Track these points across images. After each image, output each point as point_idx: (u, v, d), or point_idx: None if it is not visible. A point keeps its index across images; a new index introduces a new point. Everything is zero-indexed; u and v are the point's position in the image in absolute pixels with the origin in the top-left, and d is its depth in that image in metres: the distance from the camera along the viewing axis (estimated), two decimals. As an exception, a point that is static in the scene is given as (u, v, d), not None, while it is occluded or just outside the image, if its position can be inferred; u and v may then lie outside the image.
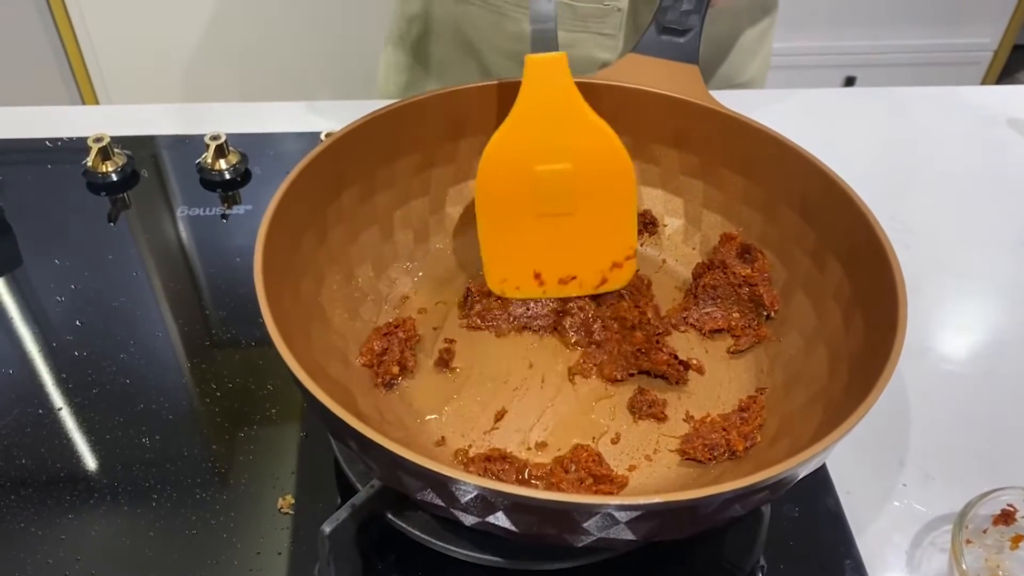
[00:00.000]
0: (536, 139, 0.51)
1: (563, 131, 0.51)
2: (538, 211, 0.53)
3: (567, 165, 0.52)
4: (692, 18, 0.58)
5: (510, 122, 0.51)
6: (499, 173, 0.52)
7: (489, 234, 0.54)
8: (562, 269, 0.55)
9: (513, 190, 0.52)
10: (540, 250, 0.54)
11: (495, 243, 0.54)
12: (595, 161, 0.52)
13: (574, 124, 0.51)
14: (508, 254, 0.54)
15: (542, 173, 0.52)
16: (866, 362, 0.45)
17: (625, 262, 0.55)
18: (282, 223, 0.48)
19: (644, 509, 0.36)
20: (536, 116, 0.51)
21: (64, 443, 0.53)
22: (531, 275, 0.55)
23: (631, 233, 0.54)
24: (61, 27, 1.61)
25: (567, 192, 0.53)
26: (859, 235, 0.50)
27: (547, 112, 0.51)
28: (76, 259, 0.66)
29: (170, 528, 0.49)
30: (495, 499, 0.37)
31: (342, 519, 0.42)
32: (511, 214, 0.53)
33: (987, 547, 0.49)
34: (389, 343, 0.53)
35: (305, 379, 0.39)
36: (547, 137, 0.51)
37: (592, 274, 0.55)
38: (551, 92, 0.51)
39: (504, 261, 0.55)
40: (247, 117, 0.81)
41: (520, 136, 0.51)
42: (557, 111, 0.51)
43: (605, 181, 0.53)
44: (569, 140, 0.51)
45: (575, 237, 0.54)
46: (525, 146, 0.52)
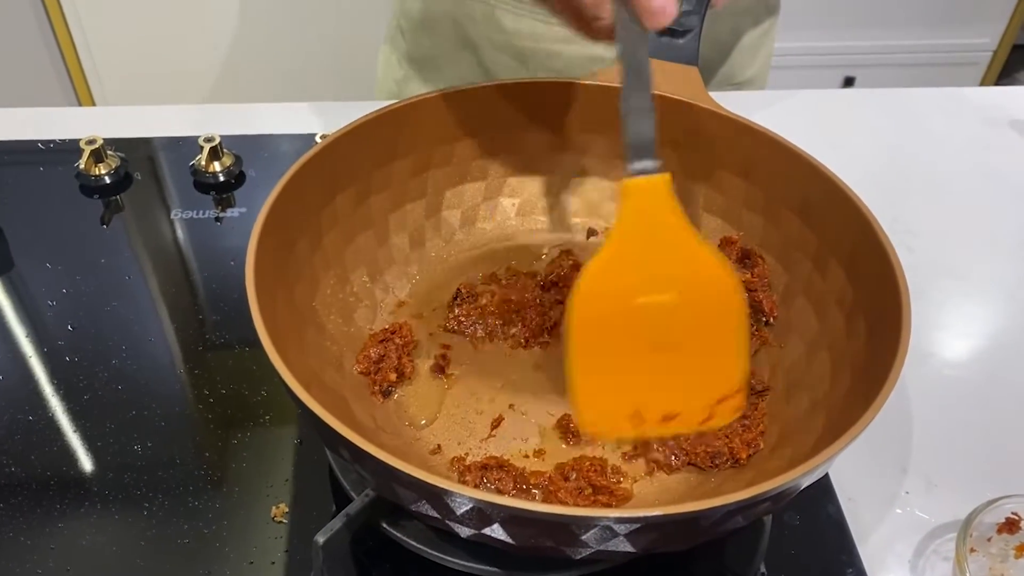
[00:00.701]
0: (636, 270, 0.46)
1: (667, 259, 0.46)
2: (640, 347, 0.47)
3: (672, 296, 0.46)
4: (691, 19, 0.57)
5: (608, 251, 0.46)
6: (597, 307, 0.46)
7: (583, 373, 0.47)
8: (663, 406, 0.48)
9: (613, 327, 0.46)
10: (640, 388, 0.48)
11: (589, 383, 0.47)
12: (702, 290, 0.46)
13: (678, 250, 0.46)
14: (604, 394, 0.48)
15: (644, 305, 0.46)
16: (869, 368, 0.45)
17: (733, 396, 0.48)
18: (275, 227, 0.47)
19: (643, 522, 0.36)
20: (637, 245, 0.45)
21: (55, 450, 0.52)
22: (628, 415, 0.48)
23: (742, 365, 0.48)
24: (57, 28, 1.60)
25: (671, 325, 0.47)
26: (861, 239, 0.49)
27: (649, 239, 0.45)
28: (68, 263, 0.65)
29: (162, 537, 0.48)
30: (491, 511, 0.36)
31: (336, 529, 0.42)
32: (608, 351, 0.47)
33: (991, 556, 0.48)
34: (386, 350, 0.52)
35: (297, 388, 0.38)
36: (649, 266, 0.46)
37: (697, 410, 0.48)
38: (653, 218, 0.45)
39: (599, 402, 0.48)
40: (242, 118, 0.80)
41: (619, 268, 0.46)
42: (660, 237, 0.45)
43: (712, 312, 0.47)
44: (674, 267, 0.46)
45: (678, 372, 0.48)
46: (624, 278, 0.46)
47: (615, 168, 0.62)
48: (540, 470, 0.48)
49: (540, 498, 0.46)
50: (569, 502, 0.46)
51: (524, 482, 0.47)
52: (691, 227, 0.45)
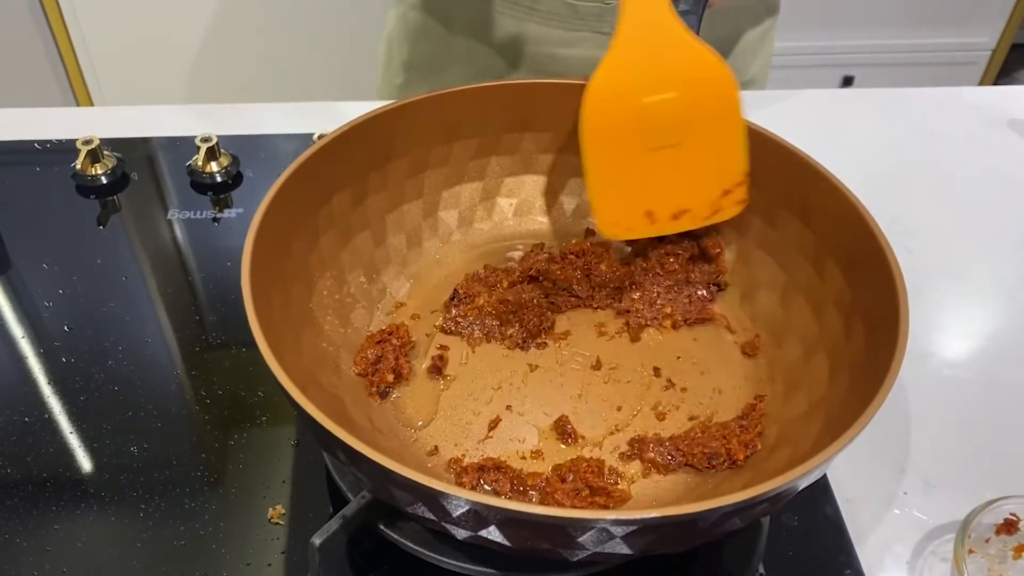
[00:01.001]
0: (640, 70, 0.50)
1: (666, 59, 0.50)
2: (646, 145, 0.51)
3: (673, 94, 0.50)
4: (689, 18, 0.57)
5: (611, 56, 0.50)
6: (605, 110, 0.50)
7: (597, 176, 0.52)
8: (673, 203, 0.53)
9: (620, 126, 0.51)
10: (650, 186, 0.52)
11: (604, 184, 0.52)
12: (701, 86, 0.50)
13: (677, 50, 0.50)
14: (618, 194, 0.53)
15: (649, 105, 0.50)
16: (867, 370, 0.45)
17: (735, 188, 0.53)
18: (271, 228, 0.47)
19: (640, 524, 0.35)
20: (637, 47, 0.49)
21: (51, 451, 0.52)
22: (642, 213, 0.53)
23: (740, 157, 0.52)
24: (55, 28, 1.60)
25: (675, 122, 0.51)
26: (859, 240, 0.49)
27: (649, 41, 0.49)
28: (65, 263, 0.65)
29: (158, 538, 0.48)
30: (487, 513, 0.36)
31: (333, 530, 0.42)
32: (619, 152, 0.52)
33: (989, 557, 0.48)
34: (383, 351, 0.52)
35: (292, 390, 0.38)
36: (651, 67, 0.50)
37: (704, 205, 0.53)
38: (650, 20, 0.49)
39: (614, 202, 0.53)
40: (239, 118, 0.80)
41: (623, 69, 0.50)
42: (658, 39, 0.49)
43: (711, 106, 0.51)
44: (673, 68, 0.50)
45: (684, 169, 0.52)
46: (629, 79, 0.50)
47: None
48: (537, 471, 0.48)
49: (537, 499, 0.46)
50: (566, 503, 0.45)
51: (521, 483, 0.47)
52: (684, 27, 0.49)
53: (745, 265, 0.57)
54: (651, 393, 0.52)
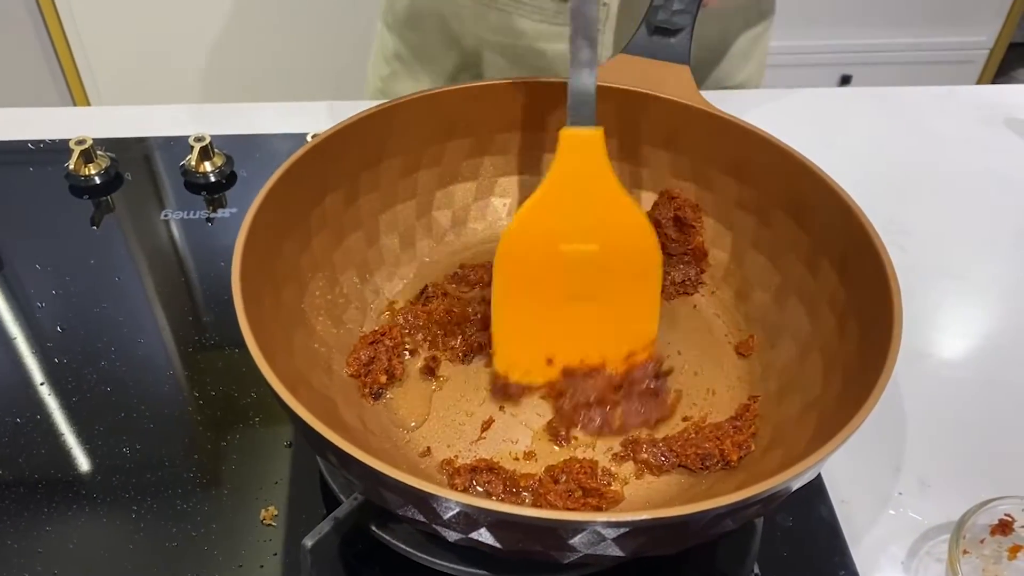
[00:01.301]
0: (563, 217, 0.48)
1: (594, 211, 0.48)
2: (559, 294, 0.50)
3: (594, 246, 0.49)
4: (683, 18, 0.57)
5: (539, 196, 0.48)
6: (523, 251, 0.49)
7: (504, 316, 0.50)
8: (577, 355, 0.51)
9: (536, 270, 0.49)
10: (556, 335, 0.51)
11: (510, 325, 0.51)
12: (623, 242, 0.49)
13: (605, 202, 0.48)
14: (522, 337, 0.51)
15: (568, 253, 0.49)
16: (861, 370, 0.44)
17: (641, 352, 0.51)
18: (263, 228, 0.47)
19: (632, 526, 0.35)
20: (567, 192, 0.48)
21: (42, 453, 0.52)
22: (543, 360, 0.51)
23: (653, 321, 0.51)
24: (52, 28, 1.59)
25: (592, 275, 0.50)
26: (853, 239, 0.49)
27: (579, 189, 0.48)
28: (58, 263, 0.64)
29: (150, 539, 0.48)
30: (478, 515, 0.36)
31: (324, 532, 0.41)
32: (531, 296, 0.50)
33: (984, 557, 0.48)
34: (376, 352, 0.51)
35: (283, 392, 0.38)
36: (576, 215, 0.48)
37: (607, 361, 0.51)
38: (585, 168, 0.48)
39: (517, 344, 0.51)
40: (233, 118, 0.80)
41: (547, 213, 0.49)
42: (589, 188, 0.48)
43: (632, 264, 0.50)
44: (599, 219, 0.49)
45: (594, 323, 0.51)
46: (551, 223, 0.49)
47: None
48: (530, 472, 0.48)
49: (530, 501, 0.46)
50: (559, 505, 0.45)
51: (514, 485, 0.47)
52: (618, 183, 0.48)
53: (739, 265, 0.57)
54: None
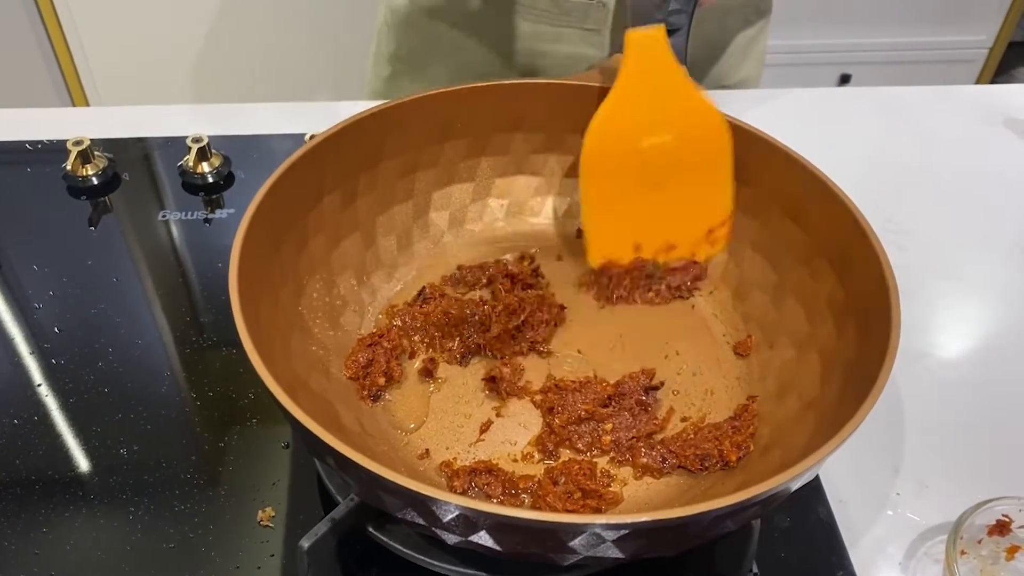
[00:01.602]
0: (639, 113, 0.52)
1: (665, 104, 0.52)
2: (640, 183, 0.54)
3: (669, 137, 0.53)
4: (679, 18, 0.56)
5: (613, 97, 0.52)
6: (604, 149, 0.53)
7: (593, 210, 0.55)
8: (661, 238, 0.56)
9: (617, 164, 0.53)
10: (641, 221, 0.55)
11: (599, 218, 0.55)
12: (695, 132, 0.53)
13: (675, 96, 0.52)
14: (610, 227, 0.55)
15: (646, 146, 0.53)
16: (859, 370, 0.44)
17: (719, 228, 0.56)
18: (260, 230, 0.47)
19: (631, 528, 0.35)
20: (638, 90, 0.52)
21: (40, 454, 0.52)
22: (631, 245, 0.56)
23: (727, 199, 0.55)
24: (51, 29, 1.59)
25: (669, 163, 0.54)
26: (851, 239, 0.49)
27: (649, 86, 0.52)
28: (55, 265, 0.64)
29: (148, 541, 0.48)
30: (477, 518, 0.36)
31: (321, 533, 0.41)
32: (614, 188, 0.54)
33: (982, 558, 0.48)
34: (374, 354, 0.51)
35: (280, 394, 0.38)
36: (650, 111, 0.52)
37: (688, 242, 0.57)
38: (652, 66, 0.51)
39: (606, 235, 0.56)
40: (230, 118, 0.79)
41: (624, 111, 0.52)
42: (658, 84, 0.52)
43: (704, 150, 0.54)
44: (670, 112, 0.52)
45: (674, 207, 0.55)
46: (629, 121, 0.53)
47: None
48: (529, 474, 0.48)
49: (529, 503, 0.46)
50: (558, 506, 0.45)
51: (513, 487, 0.47)
52: (684, 75, 0.52)
53: (737, 265, 0.57)
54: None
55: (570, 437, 0.49)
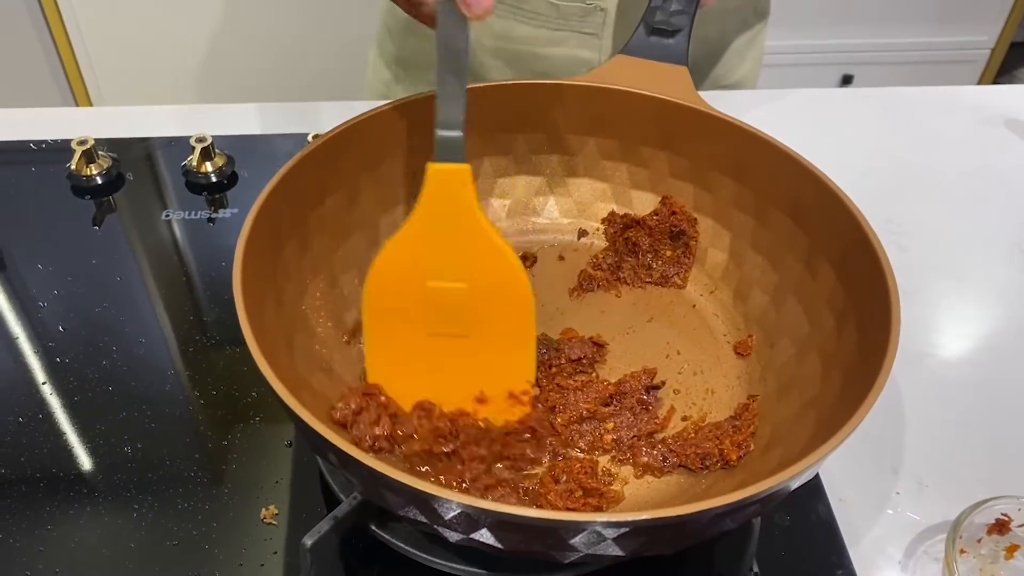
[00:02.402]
0: (431, 253, 0.48)
1: (461, 248, 0.47)
2: (429, 330, 0.49)
3: (462, 284, 0.48)
4: (681, 19, 0.57)
5: (406, 231, 0.47)
6: (389, 284, 0.48)
7: (376, 350, 0.49)
8: (454, 397, 0.49)
9: (403, 305, 0.48)
10: (432, 374, 0.50)
11: (382, 360, 0.49)
12: (493, 284, 0.48)
13: (473, 242, 0.47)
14: (397, 373, 0.49)
15: (436, 290, 0.48)
16: (859, 369, 0.45)
17: (522, 396, 0.49)
18: (264, 229, 0.47)
19: (631, 526, 0.35)
20: (434, 228, 0.47)
21: (44, 451, 0.52)
22: (411, 403, 0.49)
23: (530, 364, 0.50)
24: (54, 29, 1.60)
25: (461, 313, 0.48)
26: (851, 239, 0.49)
27: (446, 226, 0.47)
28: (59, 264, 0.65)
29: (151, 538, 0.48)
30: (478, 516, 0.36)
31: (324, 531, 0.42)
32: (401, 331, 0.49)
33: (981, 557, 0.48)
34: (367, 403, 0.48)
35: (283, 393, 0.38)
36: (443, 252, 0.48)
37: (493, 403, 0.50)
38: (452, 205, 0.47)
39: (393, 379, 0.49)
40: (234, 118, 0.80)
41: (415, 248, 0.48)
42: (456, 226, 0.47)
43: (503, 306, 0.48)
44: (466, 258, 0.48)
45: (467, 360, 0.49)
46: (419, 259, 0.48)
47: (605, 169, 0.61)
48: (531, 472, 0.48)
49: (530, 500, 0.46)
50: (559, 505, 0.45)
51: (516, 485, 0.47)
52: (486, 220, 0.47)
53: (737, 265, 0.58)
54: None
55: (571, 436, 0.50)
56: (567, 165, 0.62)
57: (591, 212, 0.62)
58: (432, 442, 0.47)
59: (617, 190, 0.62)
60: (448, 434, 0.47)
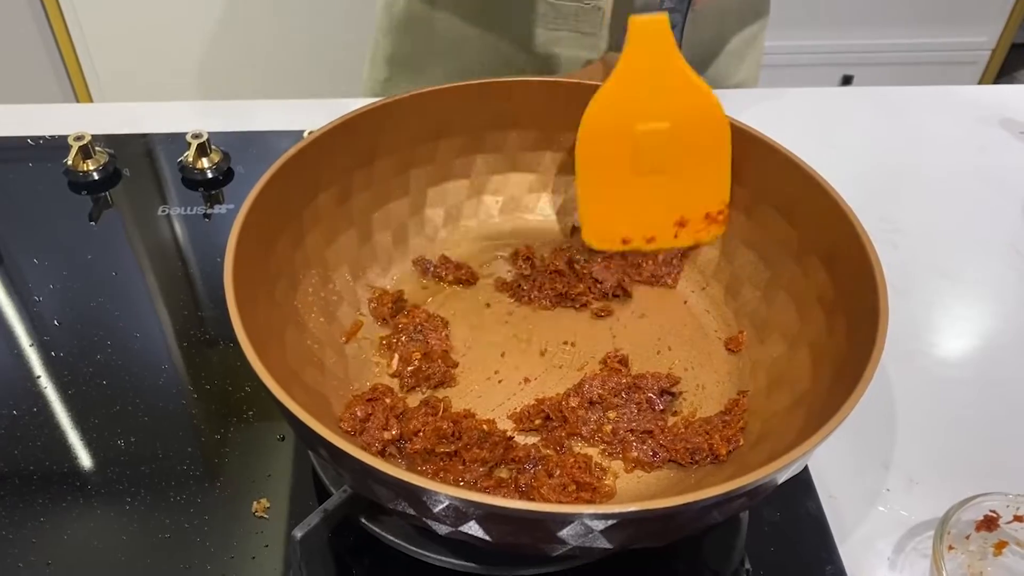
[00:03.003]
0: (638, 98, 0.52)
1: (664, 91, 0.52)
2: (637, 169, 0.53)
3: (666, 124, 0.52)
4: (673, 16, 0.57)
5: (613, 81, 0.51)
6: (600, 132, 0.52)
7: (588, 192, 0.54)
8: (659, 224, 0.55)
9: (613, 149, 0.53)
10: (638, 207, 0.55)
11: (594, 202, 0.54)
12: (694, 120, 0.53)
13: (675, 84, 0.52)
14: (607, 211, 0.55)
15: (642, 132, 0.52)
16: (849, 364, 0.45)
17: (718, 216, 0.55)
18: (256, 225, 0.47)
19: (619, 517, 0.36)
20: (639, 76, 0.51)
21: (38, 444, 0.52)
22: (629, 231, 0.55)
23: (724, 187, 0.55)
24: (55, 25, 1.60)
25: (666, 150, 0.53)
26: (841, 235, 0.49)
27: (649, 72, 0.51)
28: (55, 259, 0.65)
29: (143, 531, 0.48)
30: (467, 508, 0.36)
31: (314, 524, 0.42)
32: (610, 172, 0.54)
33: (970, 553, 0.48)
34: (373, 409, 0.49)
35: (274, 387, 0.39)
36: (649, 97, 0.52)
37: (688, 228, 0.55)
38: (654, 52, 0.51)
39: (603, 218, 0.55)
40: (231, 115, 0.80)
41: (622, 95, 0.52)
42: (659, 71, 0.51)
43: (702, 138, 0.53)
44: (670, 100, 0.52)
45: (671, 192, 0.54)
46: (626, 105, 0.52)
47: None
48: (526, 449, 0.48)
49: (523, 495, 0.46)
50: (552, 499, 0.46)
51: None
52: (685, 63, 0.51)
53: (729, 261, 0.58)
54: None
55: (577, 423, 0.50)
56: (559, 162, 0.62)
57: (584, 208, 0.62)
58: (435, 442, 0.47)
59: (610, 187, 0.62)
60: (451, 435, 0.47)
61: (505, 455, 0.48)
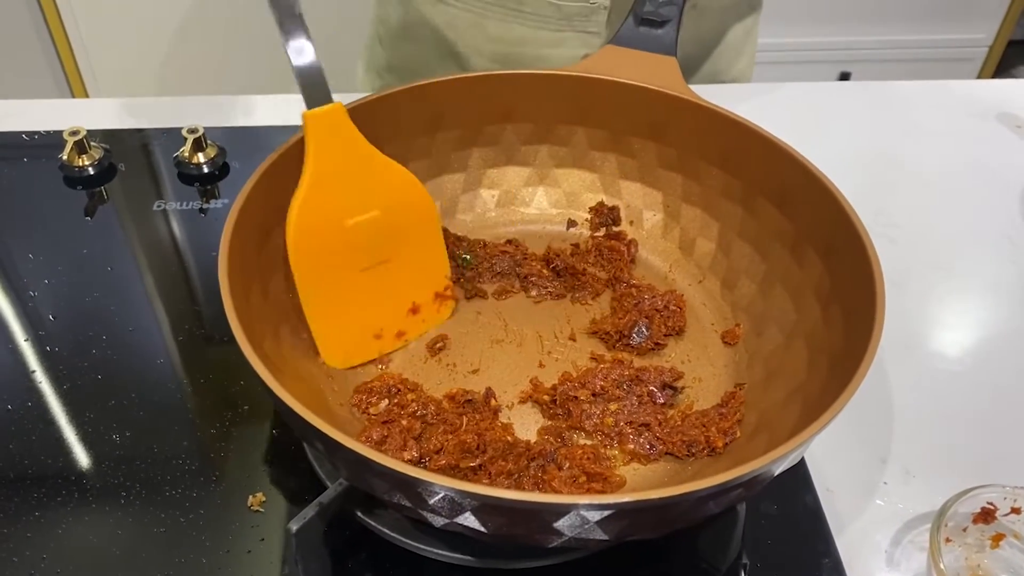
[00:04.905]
0: (337, 195, 0.49)
1: (361, 179, 0.50)
2: (358, 264, 0.51)
3: (375, 211, 0.50)
4: (669, 9, 0.57)
5: (307, 187, 0.48)
6: (310, 238, 0.49)
7: (316, 307, 0.51)
8: (394, 319, 0.53)
9: (329, 252, 0.50)
10: (370, 307, 0.52)
11: (325, 315, 0.51)
12: (400, 201, 0.51)
13: (370, 169, 0.50)
14: (342, 322, 0.51)
15: (353, 226, 0.50)
16: (845, 356, 0.45)
17: (445, 291, 0.55)
18: (249, 220, 0.47)
19: (615, 508, 0.36)
20: (332, 173, 0.49)
21: (33, 440, 0.52)
22: (371, 337, 0.53)
23: (444, 263, 0.55)
24: (51, 21, 1.60)
25: (381, 238, 0.51)
26: (837, 228, 0.49)
27: (342, 165, 0.49)
28: (51, 254, 0.65)
29: (139, 526, 0.48)
30: (462, 499, 0.36)
31: (309, 517, 0.42)
32: (333, 277, 0.51)
33: (967, 546, 0.48)
34: (389, 431, 0.48)
35: (269, 379, 0.38)
36: (347, 191, 0.49)
37: (421, 313, 0.55)
38: (338, 145, 0.48)
39: (340, 332, 0.52)
40: (226, 110, 0.80)
41: (321, 198, 0.49)
42: (349, 161, 0.49)
43: (413, 218, 0.52)
44: (369, 187, 0.50)
45: (398, 281, 0.53)
46: (328, 205, 0.49)
47: (594, 159, 0.62)
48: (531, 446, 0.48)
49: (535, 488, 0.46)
50: (563, 491, 0.45)
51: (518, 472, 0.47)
52: (371, 147, 0.49)
53: (725, 254, 0.58)
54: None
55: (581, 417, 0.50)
56: (556, 155, 0.62)
57: (580, 202, 0.62)
58: (459, 457, 0.47)
59: (606, 180, 0.62)
60: (475, 448, 0.47)
61: (531, 463, 0.47)
